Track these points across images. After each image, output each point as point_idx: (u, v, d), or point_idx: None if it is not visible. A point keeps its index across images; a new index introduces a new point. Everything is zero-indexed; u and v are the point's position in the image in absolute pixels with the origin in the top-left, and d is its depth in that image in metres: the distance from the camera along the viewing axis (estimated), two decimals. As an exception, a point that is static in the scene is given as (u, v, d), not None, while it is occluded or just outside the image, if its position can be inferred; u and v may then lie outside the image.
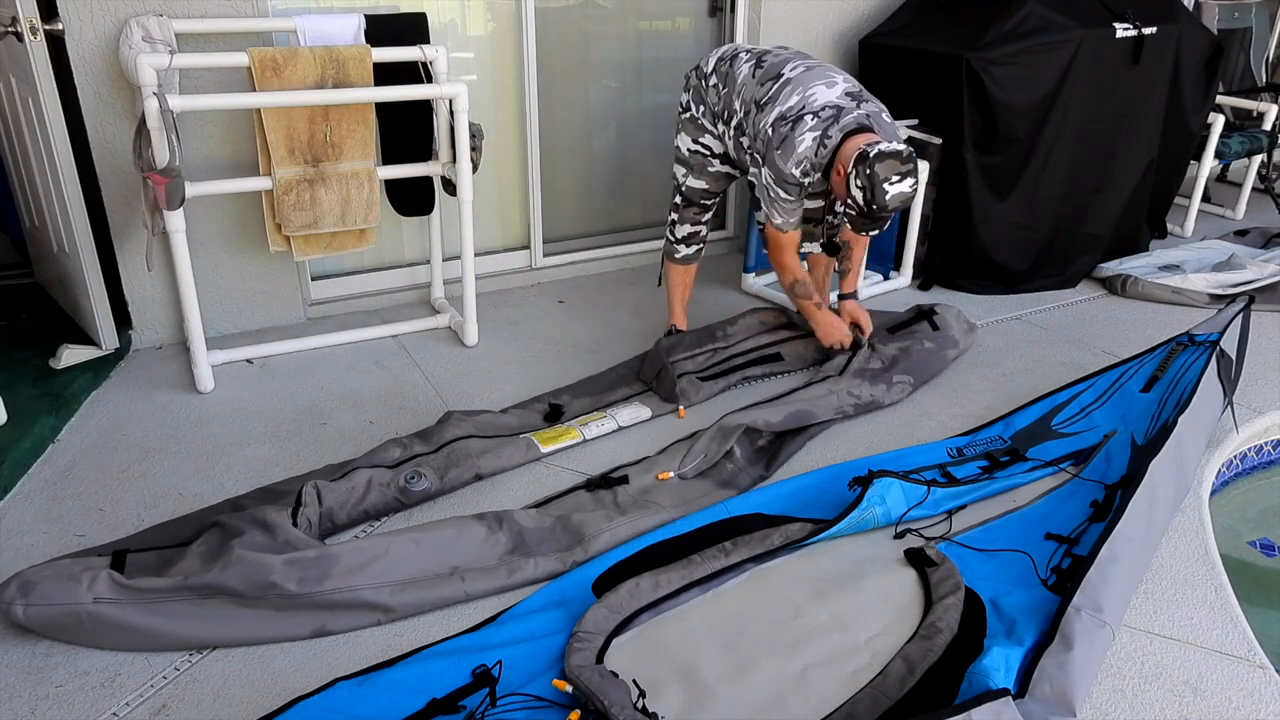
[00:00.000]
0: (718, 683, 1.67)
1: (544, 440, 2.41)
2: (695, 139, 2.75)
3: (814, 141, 2.41)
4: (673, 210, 2.89)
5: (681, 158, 2.80)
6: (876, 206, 2.33)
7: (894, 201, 2.32)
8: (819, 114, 2.43)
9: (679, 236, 2.91)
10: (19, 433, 2.37)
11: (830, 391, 2.58)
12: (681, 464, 2.32)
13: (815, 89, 2.46)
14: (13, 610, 1.72)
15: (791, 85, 2.48)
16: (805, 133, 2.41)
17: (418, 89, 2.71)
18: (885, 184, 2.29)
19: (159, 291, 2.94)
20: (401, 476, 2.19)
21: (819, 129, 2.41)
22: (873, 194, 2.30)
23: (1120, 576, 1.80)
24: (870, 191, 2.30)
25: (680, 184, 2.83)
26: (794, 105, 2.45)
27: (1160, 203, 4.08)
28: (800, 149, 2.41)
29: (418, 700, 1.61)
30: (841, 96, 2.47)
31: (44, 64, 2.50)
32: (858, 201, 2.35)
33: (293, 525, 1.95)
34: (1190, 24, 3.68)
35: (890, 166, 2.29)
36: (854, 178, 2.33)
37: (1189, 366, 2.48)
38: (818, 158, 2.43)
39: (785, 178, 2.45)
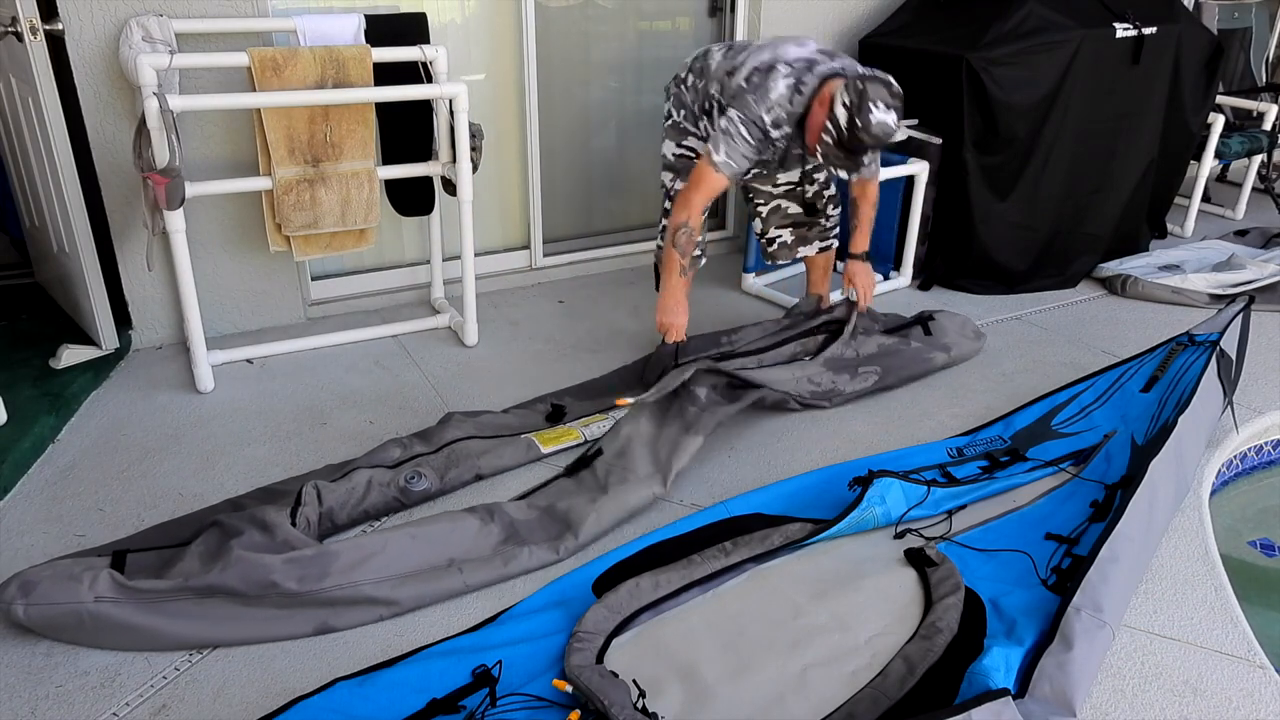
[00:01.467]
0: (718, 683, 1.67)
1: (545, 441, 2.41)
2: (679, 143, 2.72)
3: (788, 88, 2.37)
4: (663, 217, 2.84)
5: (668, 164, 2.76)
6: (860, 125, 2.24)
7: (877, 129, 2.25)
8: (791, 64, 2.40)
9: None
10: (19, 433, 2.37)
11: (793, 376, 2.60)
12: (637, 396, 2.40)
13: (786, 46, 2.45)
14: (13, 610, 1.72)
15: (765, 46, 2.47)
16: (779, 79, 2.37)
17: (418, 89, 2.71)
18: (872, 105, 2.23)
19: (159, 291, 2.94)
20: (401, 477, 2.19)
21: (793, 76, 2.38)
22: (858, 112, 2.23)
23: (1120, 576, 1.81)
24: (856, 110, 2.23)
25: (670, 189, 2.78)
26: (766, 58, 2.43)
27: (1160, 203, 4.08)
28: (774, 94, 2.36)
29: (418, 700, 1.61)
30: (814, 53, 2.45)
31: (44, 64, 2.50)
32: (838, 121, 2.27)
33: (291, 525, 1.95)
34: (1190, 24, 3.68)
35: (880, 92, 2.24)
36: (840, 94, 2.26)
37: (1189, 366, 2.48)
38: (792, 105, 2.37)
39: (754, 118, 2.38)
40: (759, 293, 3.55)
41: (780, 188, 2.90)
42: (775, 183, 2.89)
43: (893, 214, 3.53)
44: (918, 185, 3.41)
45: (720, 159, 2.43)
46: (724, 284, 3.65)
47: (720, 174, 2.44)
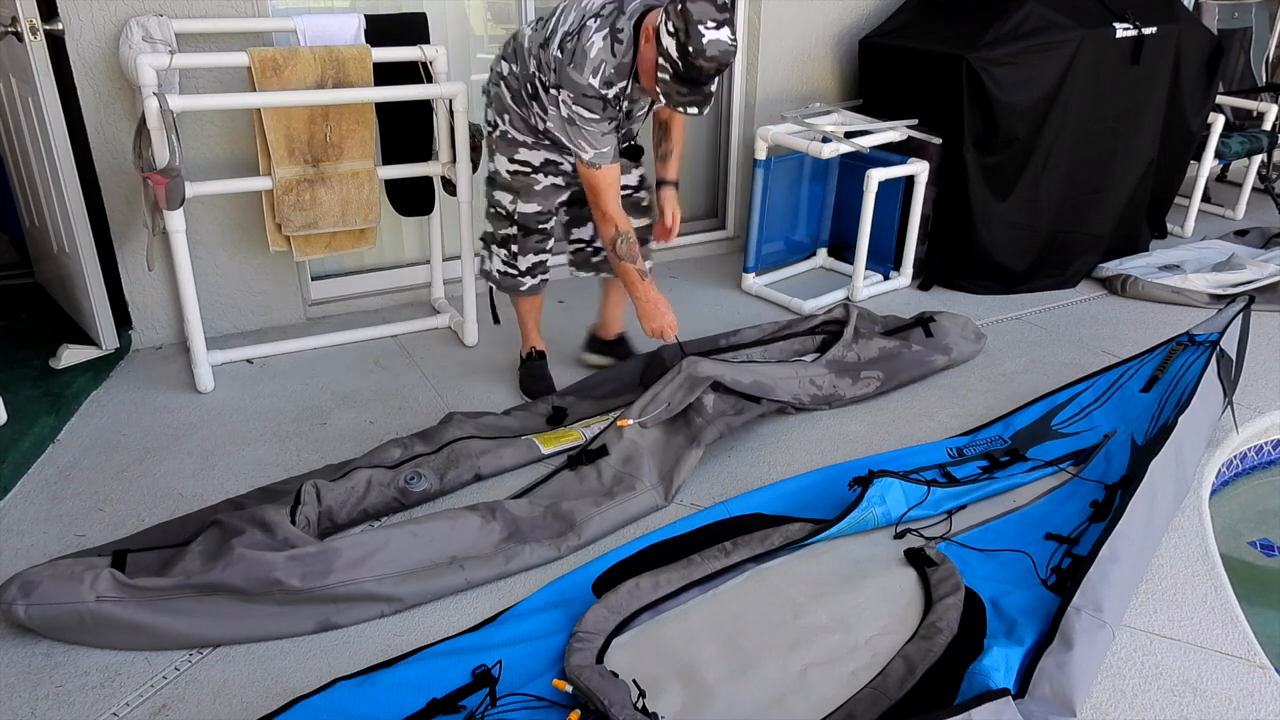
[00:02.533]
0: (718, 683, 1.67)
1: (546, 442, 2.41)
2: (512, 157, 2.42)
3: (604, 41, 2.12)
4: (509, 242, 2.53)
5: (503, 182, 2.46)
6: (693, 51, 2.00)
7: (712, 49, 2.01)
8: (599, 14, 2.15)
9: (523, 268, 2.56)
10: (19, 433, 2.37)
11: (795, 375, 2.59)
12: (643, 412, 2.34)
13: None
14: (14, 610, 1.72)
15: (567, 8, 2.22)
16: (592, 36, 2.12)
17: (417, 89, 2.71)
18: (701, 27, 2.00)
19: (159, 291, 2.94)
20: (401, 477, 2.19)
21: (605, 27, 2.13)
22: (688, 36, 2.00)
23: (1120, 576, 1.80)
24: (685, 34, 2.00)
25: (510, 212, 2.48)
26: (574, 18, 2.18)
27: (1160, 203, 4.08)
28: (593, 53, 2.12)
29: (418, 700, 1.61)
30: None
31: (44, 64, 2.50)
32: (670, 54, 2.03)
33: (291, 524, 1.95)
34: (1190, 24, 3.68)
35: (705, 10, 2.01)
36: (665, 22, 2.03)
37: (1189, 366, 2.47)
38: (615, 57, 2.13)
39: (585, 90, 2.14)
40: (759, 292, 3.55)
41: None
42: None
43: (893, 214, 3.53)
44: (918, 185, 3.41)
45: (590, 155, 2.21)
46: (724, 284, 3.65)
47: (604, 168, 2.23)
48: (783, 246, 3.73)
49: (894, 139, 3.40)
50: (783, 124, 3.46)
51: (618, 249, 2.33)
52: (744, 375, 2.47)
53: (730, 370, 2.45)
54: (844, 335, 2.79)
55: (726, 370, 2.44)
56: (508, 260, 2.57)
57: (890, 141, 3.40)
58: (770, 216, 3.58)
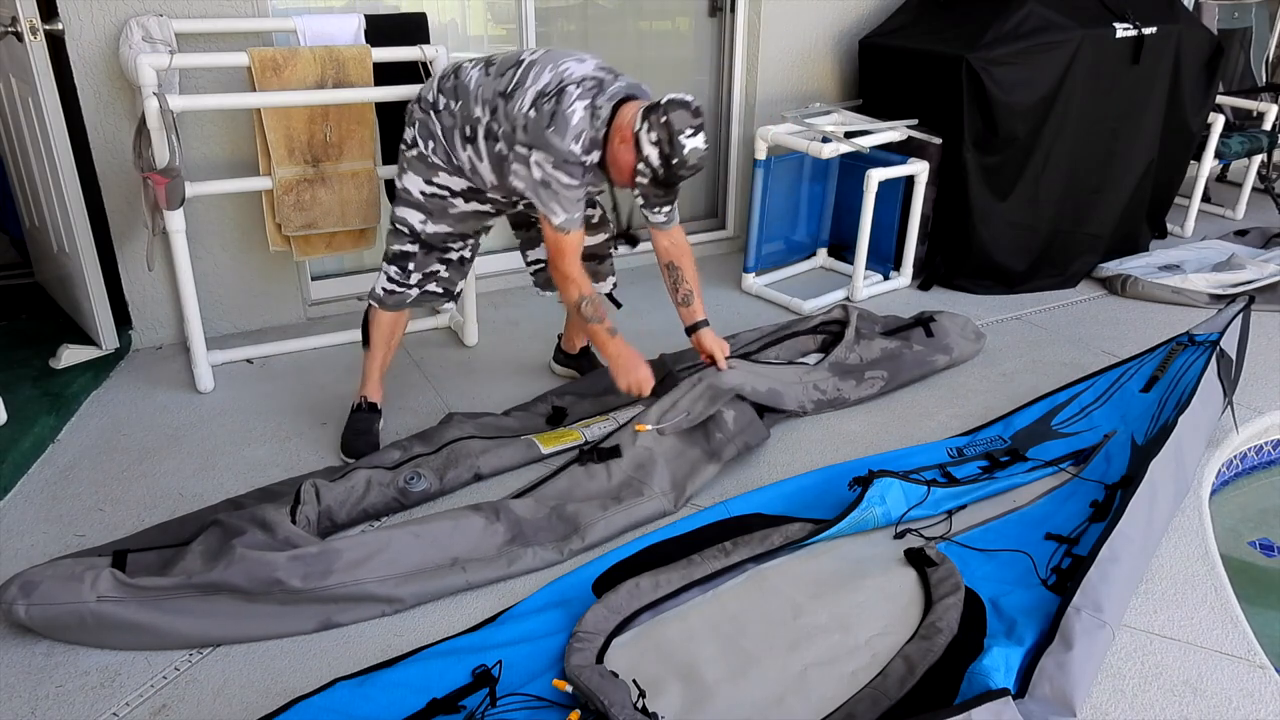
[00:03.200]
0: (718, 683, 1.67)
1: (545, 441, 2.41)
2: (429, 180, 2.31)
3: (585, 111, 2.09)
4: (405, 259, 2.37)
5: (415, 202, 2.33)
6: (676, 161, 2.04)
7: (692, 157, 2.06)
8: (580, 84, 2.11)
9: (413, 281, 2.39)
10: (19, 433, 2.37)
11: (799, 380, 2.59)
12: (662, 419, 2.33)
13: (566, 64, 2.16)
14: (15, 610, 1.72)
15: (539, 65, 2.15)
16: (574, 103, 2.08)
17: (418, 89, 2.71)
18: (682, 136, 2.03)
19: (159, 291, 2.94)
20: (401, 477, 2.19)
21: (586, 98, 2.10)
22: (671, 146, 2.03)
23: (1120, 576, 1.80)
24: (669, 144, 2.03)
25: (418, 232, 2.34)
26: (550, 80, 2.11)
27: (1160, 203, 4.08)
28: (574, 121, 2.07)
29: (418, 700, 1.61)
30: (597, 70, 2.17)
31: (44, 64, 2.50)
32: (652, 162, 2.05)
33: (292, 523, 1.95)
34: (1190, 24, 3.68)
35: (684, 118, 2.04)
36: (646, 131, 2.04)
37: (1189, 366, 2.47)
38: (594, 130, 2.10)
39: (566, 156, 2.08)
40: (759, 292, 3.55)
41: None
42: None
43: (893, 214, 3.53)
44: (918, 185, 3.41)
45: (561, 220, 2.14)
46: (724, 284, 3.65)
47: (572, 233, 2.18)
48: (783, 246, 3.73)
49: (894, 139, 3.40)
50: (783, 124, 3.46)
51: (583, 311, 2.28)
52: (761, 383, 2.47)
53: (750, 378, 2.45)
54: (845, 336, 2.79)
55: (747, 379, 2.43)
56: (396, 276, 2.39)
57: (890, 141, 3.40)
58: (770, 216, 3.58)
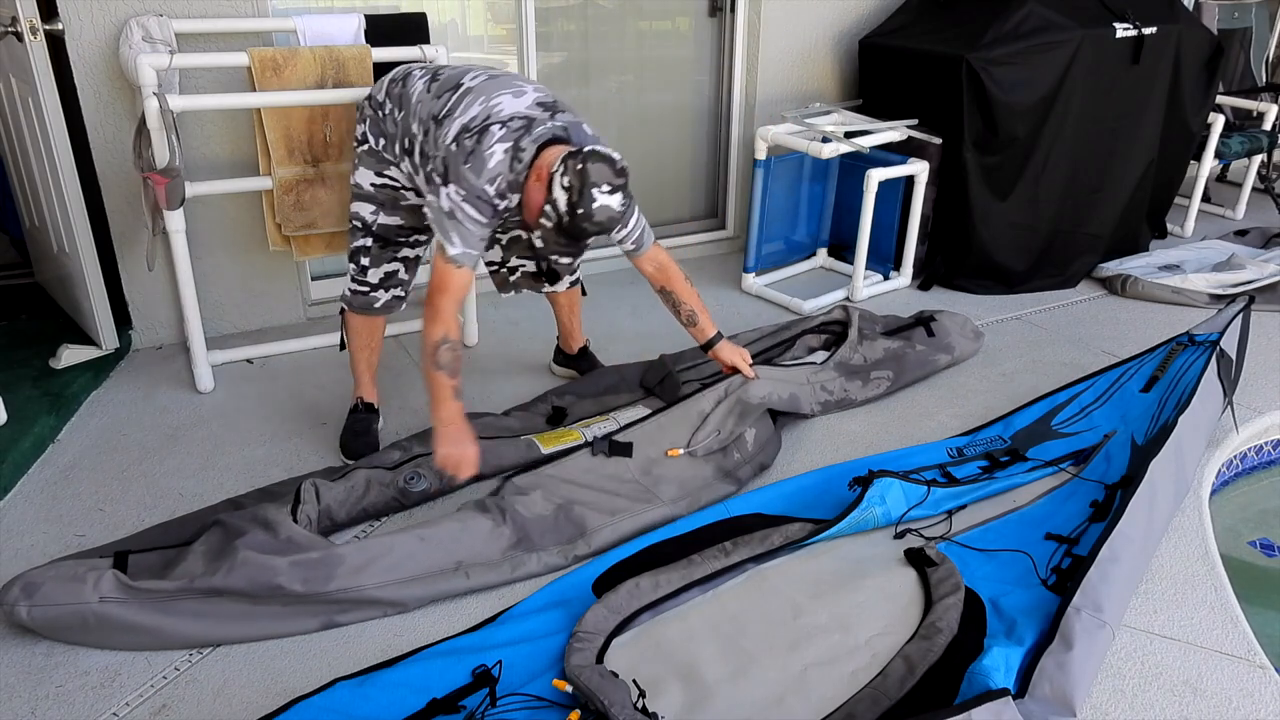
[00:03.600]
0: (718, 683, 1.67)
1: (546, 442, 2.41)
2: (380, 173, 2.29)
3: (506, 154, 2.01)
4: (360, 255, 2.35)
5: (367, 194, 2.31)
6: (581, 212, 1.93)
7: (600, 214, 1.94)
8: (507, 124, 2.03)
9: (374, 281, 2.37)
10: (19, 433, 2.37)
11: (808, 380, 2.60)
12: (693, 440, 2.31)
13: (501, 97, 2.08)
14: (16, 611, 1.72)
15: (473, 94, 2.08)
16: (494, 144, 2.00)
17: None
18: (594, 189, 1.92)
19: (159, 291, 2.94)
20: (401, 477, 2.19)
21: (509, 140, 2.02)
22: (580, 196, 1.92)
23: (1120, 576, 1.81)
24: (579, 192, 1.92)
25: (370, 223, 2.32)
26: (477, 115, 2.05)
27: (1160, 203, 4.08)
28: (492, 163, 2.00)
29: (418, 700, 1.61)
30: (532, 107, 2.09)
31: (44, 64, 2.50)
32: (559, 207, 1.94)
33: (294, 522, 1.95)
34: (1190, 24, 3.68)
35: (603, 172, 1.93)
36: (561, 175, 1.94)
37: (1189, 366, 2.48)
38: (513, 173, 2.02)
39: (478, 193, 2.01)
40: (759, 293, 3.55)
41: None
42: None
43: (893, 214, 3.53)
44: (918, 185, 3.41)
45: (456, 251, 2.03)
46: (724, 284, 3.65)
47: (463, 267, 2.05)
48: (783, 246, 3.73)
49: (894, 139, 3.40)
50: (783, 124, 3.46)
51: (439, 356, 2.06)
52: (783, 389, 2.48)
53: (775, 387, 2.45)
54: (849, 337, 2.79)
55: (774, 389, 2.44)
56: (356, 275, 2.37)
57: (890, 141, 3.40)
58: (770, 216, 3.58)
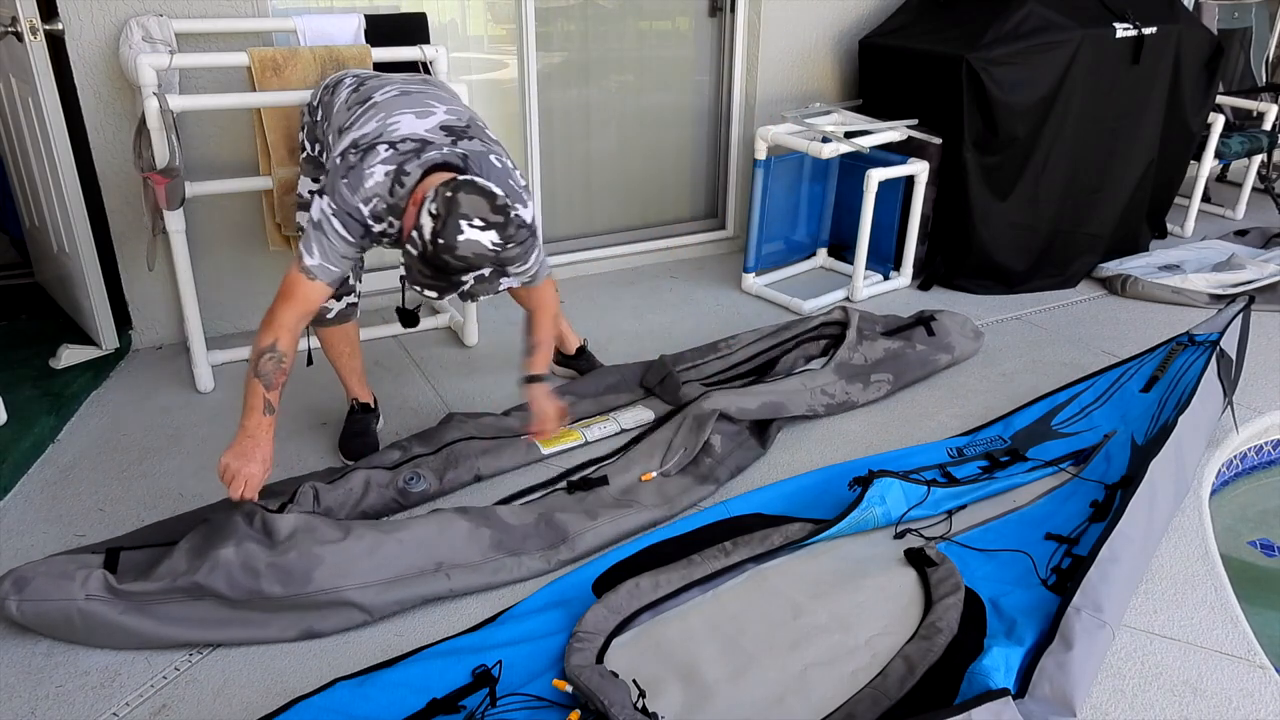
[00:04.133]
0: (718, 683, 1.67)
1: (546, 443, 2.41)
2: (316, 178, 2.25)
3: (386, 177, 1.89)
4: None
5: (307, 203, 2.26)
6: (443, 243, 1.74)
7: (464, 249, 1.74)
8: (396, 146, 1.92)
9: None
10: (19, 433, 2.37)
11: (804, 387, 2.59)
12: (664, 461, 2.32)
13: (401, 117, 1.97)
14: (7, 605, 1.73)
15: (375, 109, 2.00)
16: (376, 164, 1.89)
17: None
18: (462, 220, 1.74)
19: (159, 291, 2.94)
20: (400, 478, 2.19)
21: (394, 162, 1.90)
22: (444, 226, 1.73)
23: (1120, 576, 1.81)
24: (443, 222, 1.73)
25: None
26: (370, 132, 1.95)
27: (1160, 203, 4.08)
28: (369, 184, 1.88)
29: (418, 700, 1.61)
30: (434, 130, 1.97)
31: (44, 64, 2.50)
32: (423, 233, 1.76)
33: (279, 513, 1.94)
34: (1190, 24, 3.68)
35: (477, 205, 1.75)
36: (431, 199, 1.77)
37: (1189, 366, 2.48)
38: (393, 197, 1.90)
39: (350, 210, 1.90)
40: (759, 293, 3.55)
41: None
42: None
43: (893, 214, 3.53)
44: (918, 185, 3.41)
45: (313, 263, 1.91)
46: (724, 284, 3.65)
47: (316, 281, 1.93)
48: (783, 246, 3.73)
49: (894, 139, 3.40)
50: (783, 124, 3.46)
51: (261, 365, 1.93)
52: (751, 401, 2.46)
53: (736, 399, 2.44)
54: (847, 338, 2.79)
55: (733, 400, 2.43)
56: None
57: (890, 141, 3.40)
58: (770, 216, 3.58)
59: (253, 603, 1.77)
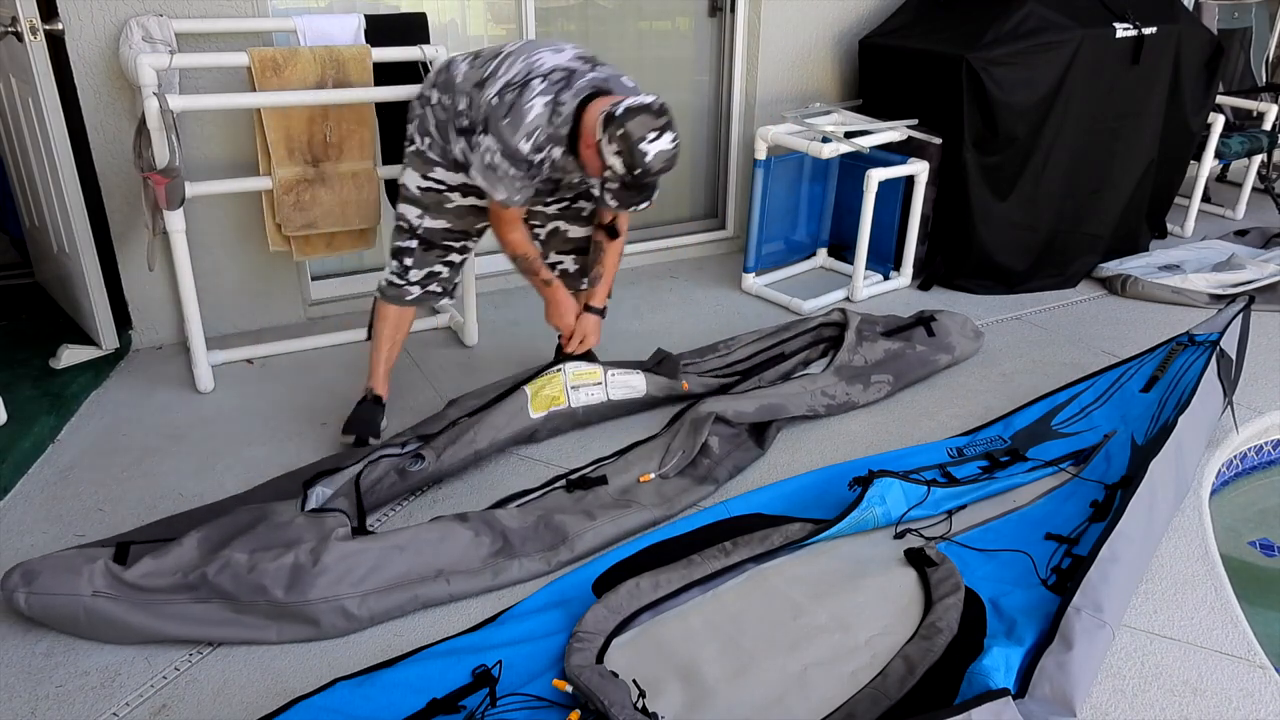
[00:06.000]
0: (718, 683, 1.67)
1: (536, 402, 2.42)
2: (425, 174, 2.38)
3: (545, 108, 2.11)
4: (404, 255, 2.45)
5: (412, 197, 2.40)
6: (640, 171, 2.03)
7: (657, 162, 2.03)
8: (547, 77, 2.13)
9: (413, 279, 2.46)
10: (19, 433, 2.37)
11: (804, 389, 2.59)
12: (661, 464, 2.33)
13: (540, 55, 2.18)
14: (15, 598, 1.75)
15: (513, 56, 2.19)
16: (534, 98, 2.10)
17: (418, 89, 2.71)
18: (642, 143, 2.01)
19: (159, 291, 2.94)
20: (401, 462, 2.20)
21: (549, 93, 2.11)
22: (631, 157, 2.01)
23: (1120, 576, 1.81)
24: (629, 155, 2.01)
25: (415, 227, 2.42)
26: (519, 72, 2.14)
27: (1160, 203, 4.08)
28: (530, 117, 2.09)
29: (418, 700, 1.61)
30: (572, 60, 2.19)
31: (44, 64, 2.50)
32: (617, 171, 2.05)
33: (301, 510, 1.97)
34: (1190, 24, 3.68)
35: (643, 123, 2.01)
36: (606, 143, 2.03)
37: (1189, 366, 2.48)
38: (552, 126, 2.12)
39: (513, 152, 2.11)
40: (759, 293, 3.55)
41: (554, 207, 2.57)
42: (545, 202, 2.56)
43: (893, 214, 3.53)
44: (918, 185, 3.41)
45: (503, 197, 2.20)
46: (724, 284, 3.65)
47: (510, 208, 2.27)
48: (783, 246, 3.73)
49: (894, 139, 3.40)
50: (783, 124, 3.46)
51: (522, 266, 2.46)
52: (748, 404, 2.46)
53: (733, 403, 2.44)
54: (846, 339, 2.79)
55: (729, 404, 2.43)
56: (396, 271, 2.46)
57: (890, 141, 3.40)
58: (770, 216, 3.58)
59: (256, 607, 1.77)
